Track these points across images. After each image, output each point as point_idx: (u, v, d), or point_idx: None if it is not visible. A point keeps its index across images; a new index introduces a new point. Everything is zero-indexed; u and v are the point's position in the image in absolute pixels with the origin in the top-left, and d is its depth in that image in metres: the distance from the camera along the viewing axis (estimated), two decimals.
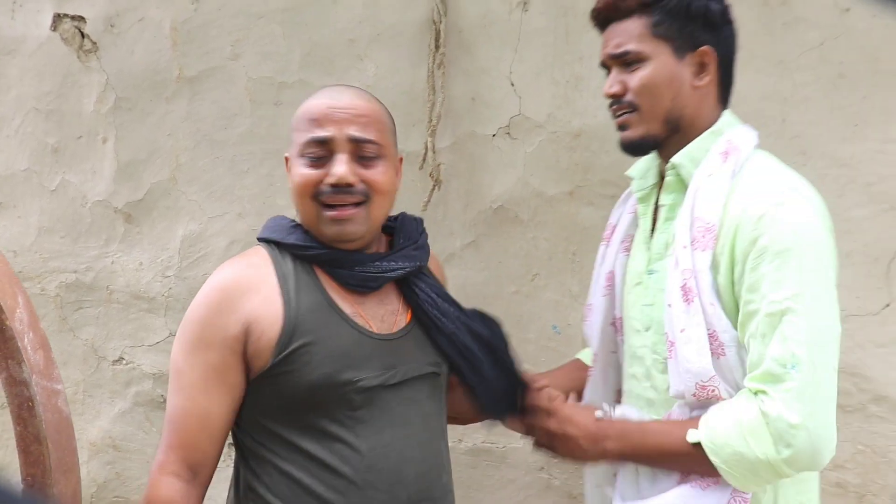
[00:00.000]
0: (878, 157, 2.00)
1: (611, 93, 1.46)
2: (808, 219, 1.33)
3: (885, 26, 1.98)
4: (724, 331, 1.35)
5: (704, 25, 1.43)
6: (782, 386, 1.26)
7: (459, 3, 2.16)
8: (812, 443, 1.25)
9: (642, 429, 1.40)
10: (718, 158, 1.41)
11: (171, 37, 2.31)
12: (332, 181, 1.38)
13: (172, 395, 1.40)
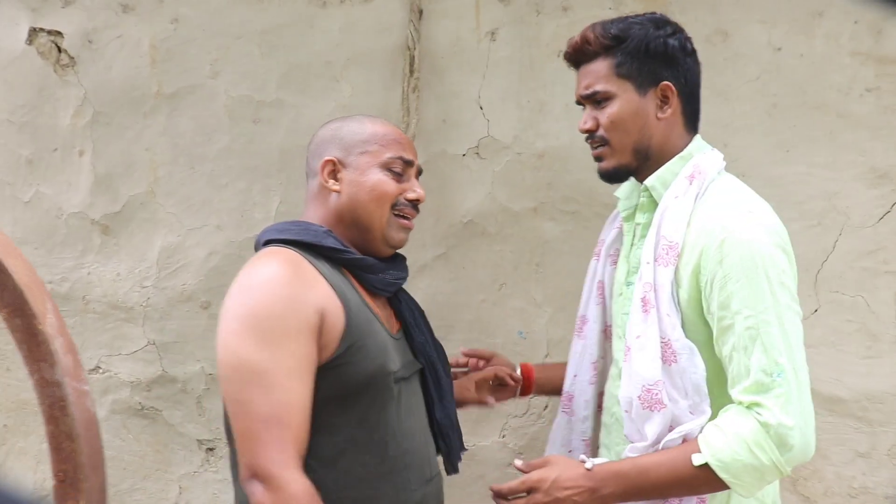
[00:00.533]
0: (806, 179, 2.25)
1: (584, 129, 1.62)
2: (763, 238, 1.45)
3: (811, 64, 2.23)
4: (677, 340, 1.48)
5: (664, 62, 1.57)
6: (773, 393, 1.38)
7: (432, 31, 2.32)
8: (804, 439, 1.39)
9: (637, 466, 1.46)
10: (685, 182, 1.55)
11: (150, 54, 2.39)
12: (413, 197, 1.59)
13: (262, 393, 1.36)
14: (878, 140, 2.22)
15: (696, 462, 1.40)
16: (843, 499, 2.26)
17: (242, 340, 1.39)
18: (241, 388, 1.38)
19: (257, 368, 1.37)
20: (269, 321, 1.39)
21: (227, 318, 1.43)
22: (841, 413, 2.25)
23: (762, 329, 1.40)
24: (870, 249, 2.23)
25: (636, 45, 1.56)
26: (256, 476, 1.37)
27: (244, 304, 1.42)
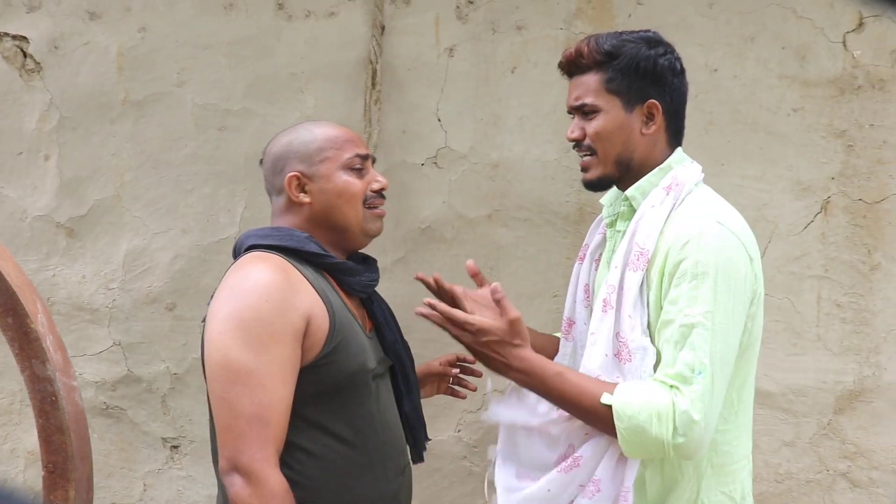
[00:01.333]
0: (739, 190, 2.43)
1: (571, 137, 1.67)
2: (726, 248, 1.51)
3: (743, 85, 2.42)
4: (633, 340, 1.55)
5: (652, 81, 1.61)
6: (691, 387, 1.45)
7: (393, 46, 2.44)
8: (701, 437, 1.45)
9: (560, 375, 1.52)
10: (662, 192, 1.61)
11: (118, 62, 2.45)
12: (378, 187, 1.68)
13: (248, 393, 1.44)
14: (802, 156, 2.41)
15: (603, 400, 1.48)
16: (770, 484, 2.45)
17: (232, 341, 1.46)
18: (227, 386, 1.46)
19: (244, 369, 1.45)
20: (258, 325, 1.46)
21: (218, 318, 1.50)
22: (769, 406, 2.44)
23: (696, 330, 1.47)
24: (795, 256, 2.43)
25: (627, 62, 1.60)
26: (237, 470, 1.44)
27: (235, 306, 1.49)
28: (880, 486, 2.44)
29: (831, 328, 2.43)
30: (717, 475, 1.58)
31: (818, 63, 2.41)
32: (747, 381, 1.63)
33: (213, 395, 1.49)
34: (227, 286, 1.54)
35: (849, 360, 2.43)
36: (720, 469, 1.58)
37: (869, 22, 2.40)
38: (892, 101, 2.40)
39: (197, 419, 2.49)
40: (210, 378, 1.49)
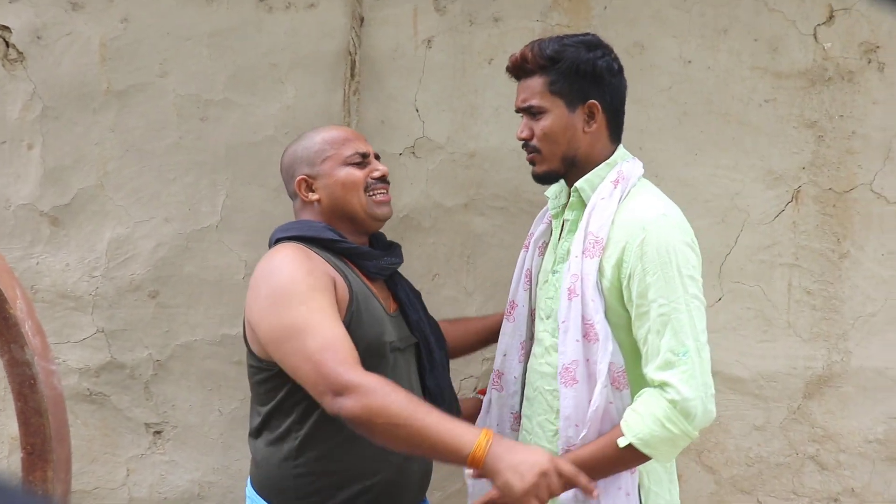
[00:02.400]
0: (712, 180, 2.48)
1: (521, 137, 1.82)
2: (675, 237, 1.67)
3: (716, 76, 2.46)
4: (598, 322, 1.69)
5: (592, 82, 1.76)
6: (678, 370, 1.61)
7: (372, 37, 2.47)
8: (704, 407, 1.62)
9: (575, 461, 1.62)
10: (610, 185, 1.76)
11: (100, 52, 2.48)
12: (378, 174, 1.83)
13: (309, 337, 1.56)
14: (774, 146, 2.46)
15: (621, 444, 1.63)
16: (741, 468, 2.51)
17: (279, 309, 1.61)
18: (290, 342, 1.58)
19: (298, 323, 1.58)
20: (295, 286, 1.62)
21: (259, 300, 1.65)
22: (740, 391, 2.49)
23: (672, 315, 1.63)
24: (766, 244, 2.48)
25: (568, 66, 1.75)
26: (335, 393, 1.51)
27: (269, 284, 1.66)
28: (847, 468, 2.50)
29: (801, 315, 2.48)
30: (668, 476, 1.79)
31: (789, 55, 2.45)
32: None
33: (286, 361, 1.60)
34: (258, 274, 1.71)
35: (818, 346, 2.48)
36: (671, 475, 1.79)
37: (839, 15, 2.44)
38: (860, 93, 2.44)
39: (180, 405, 2.53)
40: (273, 348, 1.62)
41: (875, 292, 2.48)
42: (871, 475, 2.50)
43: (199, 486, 2.55)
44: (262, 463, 1.79)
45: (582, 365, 1.71)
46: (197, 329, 2.51)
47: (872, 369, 2.48)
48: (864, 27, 2.44)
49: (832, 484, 2.50)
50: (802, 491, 2.51)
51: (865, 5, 2.42)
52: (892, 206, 2.46)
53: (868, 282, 2.47)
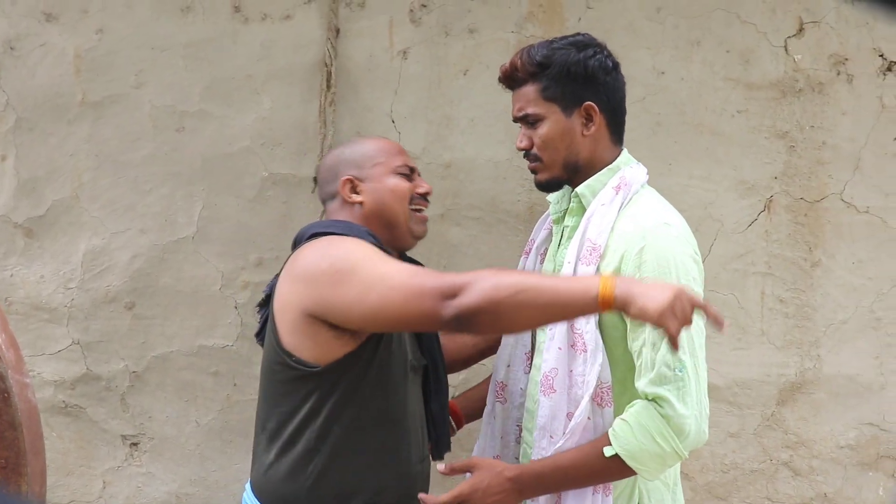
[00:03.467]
0: (686, 190, 2.51)
1: (520, 147, 1.76)
2: (677, 248, 1.64)
3: (689, 87, 2.50)
4: (588, 333, 1.64)
5: (585, 83, 1.70)
6: (673, 385, 1.57)
7: (348, 49, 2.48)
8: (699, 426, 1.59)
9: (556, 465, 1.62)
10: (612, 191, 1.71)
11: (75, 63, 2.48)
12: (423, 190, 1.83)
13: (377, 267, 1.58)
14: (746, 157, 2.50)
15: (607, 454, 1.58)
16: (716, 474, 2.54)
17: (351, 272, 1.58)
18: (377, 290, 1.55)
19: (375, 273, 1.57)
20: (359, 249, 1.65)
21: (323, 277, 1.62)
22: (715, 398, 2.51)
23: None
24: (740, 253, 2.51)
25: (559, 70, 1.70)
26: (447, 296, 1.49)
27: (332, 256, 1.64)
28: (820, 474, 2.53)
29: (774, 323, 2.51)
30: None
31: (761, 66, 2.49)
32: None
33: (376, 311, 1.56)
34: (309, 259, 1.68)
35: (791, 354, 2.52)
36: None
37: (809, 28, 2.48)
38: (830, 104, 2.48)
39: (156, 416, 2.52)
40: (356, 312, 1.59)
41: (846, 300, 2.51)
42: (843, 480, 2.53)
43: (176, 497, 2.53)
44: (269, 470, 1.73)
45: (562, 375, 1.67)
46: (173, 340, 2.51)
47: (844, 376, 2.51)
48: (834, 40, 2.48)
49: (805, 489, 2.54)
50: (777, 497, 2.54)
51: (834, 18, 2.46)
52: (863, 215, 2.50)
53: (839, 290, 2.51)
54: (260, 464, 1.76)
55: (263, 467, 1.74)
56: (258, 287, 2.49)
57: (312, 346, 1.65)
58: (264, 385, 1.80)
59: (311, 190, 2.47)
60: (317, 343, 1.65)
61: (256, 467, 1.78)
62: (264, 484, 1.73)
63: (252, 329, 2.47)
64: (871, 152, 2.49)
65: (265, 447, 1.75)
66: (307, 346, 1.66)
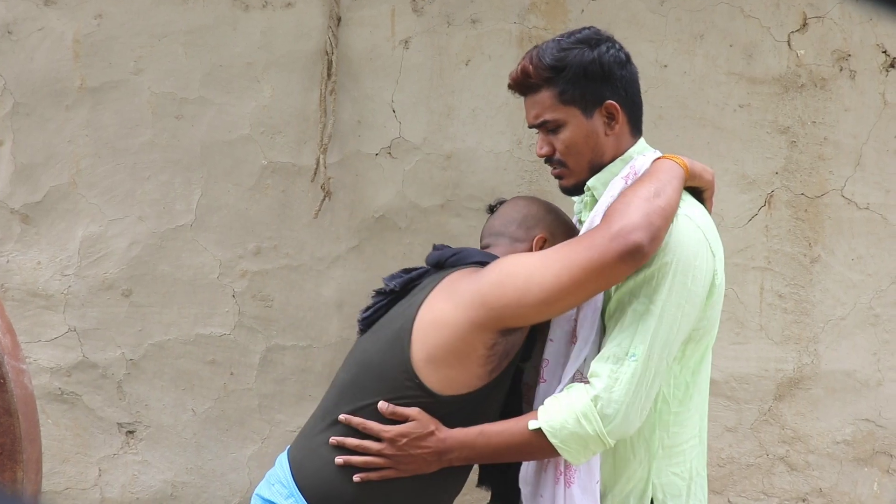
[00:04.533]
0: None
1: (541, 154, 1.68)
2: (690, 241, 1.54)
3: (692, 80, 2.49)
4: (582, 325, 1.61)
5: (603, 81, 1.61)
6: (619, 367, 1.51)
7: (349, 38, 2.47)
8: (627, 416, 1.51)
9: (482, 434, 1.59)
10: (621, 182, 1.63)
11: (74, 48, 2.46)
12: None
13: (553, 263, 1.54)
14: (748, 151, 2.49)
15: (530, 427, 1.54)
16: (713, 469, 2.53)
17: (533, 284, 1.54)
18: (548, 284, 1.52)
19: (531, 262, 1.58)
20: None
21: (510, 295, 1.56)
22: (713, 393, 2.50)
23: (644, 316, 1.52)
24: (740, 248, 2.50)
25: (575, 71, 1.61)
26: (612, 240, 1.48)
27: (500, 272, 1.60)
28: (816, 469, 2.53)
29: (773, 318, 2.51)
30: (667, 456, 1.63)
31: (764, 61, 2.48)
32: (703, 365, 1.67)
33: (572, 293, 1.52)
34: (480, 275, 1.61)
35: (789, 349, 2.52)
36: (670, 450, 1.63)
37: (812, 23, 2.47)
38: (832, 100, 2.48)
39: (153, 405, 2.52)
40: (543, 309, 1.56)
41: (845, 296, 2.51)
42: (838, 476, 2.53)
43: (171, 486, 2.53)
44: (310, 457, 1.64)
45: (553, 365, 1.65)
46: (170, 328, 2.50)
47: (841, 372, 2.52)
48: (837, 35, 2.47)
49: (801, 484, 2.54)
50: (772, 491, 2.54)
51: (838, 14, 2.46)
52: (862, 212, 2.50)
53: (838, 286, 2.51)
54: (319, 451, 1.64)
55: (323, 458, 1.63)
56: (256, 275, 2.49)
57: (447, 373, 1.59)
58: (357, 377, 1.67)
59: (311, 179, 2.45)
60: (454, 370, 1.59)
61: (313, 452, 1.66)
62: (314, 472, 1.63)
63: (249, 318, 2.48)
64: (873, 149, 2.49)
65: (317, 436, 1.66)
66: (441, 373, 1.59)
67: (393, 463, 1.58)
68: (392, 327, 1.65)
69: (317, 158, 2.43)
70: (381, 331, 1.68)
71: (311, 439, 1.67)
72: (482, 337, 1.57)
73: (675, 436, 1.64)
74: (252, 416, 2.51)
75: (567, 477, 1.61)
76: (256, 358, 2.51)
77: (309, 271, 2.50)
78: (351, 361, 1.73)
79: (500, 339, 1.59)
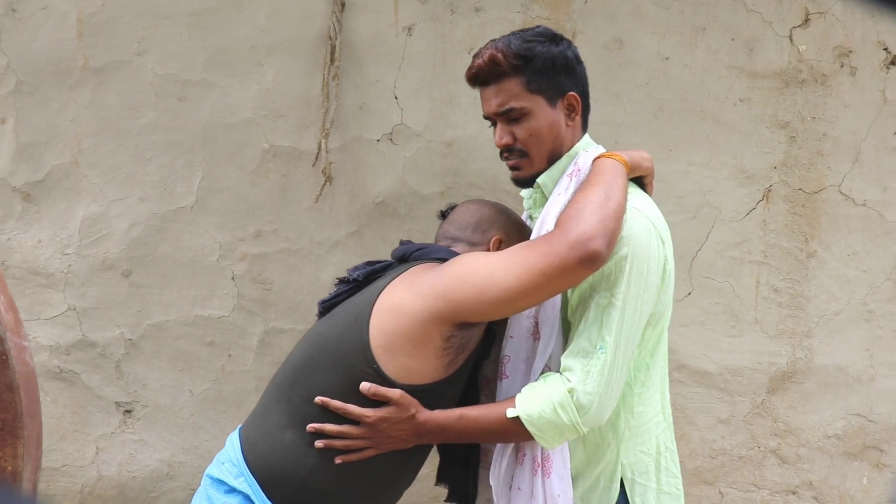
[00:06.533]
0: (685, 176, 2.52)
1: (502, 144, 1.72)
2: (641, 232, 1.61)
3: (693, 73, 2.49)
4: (544, 321, 1.66)
5: (566, 74, 1.69)
6: (588, 361, 1.57)
7: (353, 23, 2.47)
8: (601, 406, 1.58)
9: (461, 417, 1.64)
10: (566, 179, 1.69)
11: (77, 28, 2.46)
12: None
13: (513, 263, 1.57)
14: (747, 145, 2.50)
15: (509, 415, 1.60)
16: (705, 460, 2.56)
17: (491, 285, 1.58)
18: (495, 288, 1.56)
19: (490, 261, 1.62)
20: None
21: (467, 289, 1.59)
22: (707, 385, 2.54)
23: (607, 309, 1.59)
24: (737, 241, 2.52)
25: (543, 62, 1.67)
26: (571, 247, 1.52)
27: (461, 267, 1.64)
28: (806, 462, 2.56)
29: (768, 312, 2.53)
30: (634, 437, 1.70)
31: (765, 56, 2.49)
32: (660, 345, 1.74)
33: (529, 294, 1.56)
34: (443, 267, 1.64)
35: (783, 343, 2.54)
36: (636, 430, 1.70)
37: (814, 18, 2.48)
38: (832, 96, 2.49)
39: (150, 384, 2.53)
40: (495, 308, 1.59)
41: (840, 291, 2.53)
42: (828, 469, 2.56)
43: (168, 465, 2.55)
44: (264, 437, 1.65)
45: (515, 361, 1.70)
46: (170, 309, 2.51)
47: (834, 366, 2.54)
48: (839, 31, 2.48)
49: (791, 477, 2.56)
50: (763, 483, 2.57)
51: (840, 10, 2.46)
52: (860, 208, 2.51)
53: (833, 281, 2.53)
54: (272, 430, 1.65)
55: (276, 438, 1.64)
56: (256, 259, 2.50)
57: (405, 362, 1.61)
58: (312, 358, 1.68)
59: (312, 164, 2.46)
60: (412, 359, 1.61)
61: (265, 431, 1.66)
62: (266, 452, 1.63)
63: (248, 300, 2.49)
64: (871, 145, 2.50)
65: (287, 420, 1.65)
66: (399, 361, 1.61)
67: (372, 443, 1.63)
68: (351, 312, 1.67)
69: (318, 143, 2.44)
70: (340, 315, 1.70)
71: (265, 419, 1.68)
72: (439, 328, 1.60)
73: (640, 415, 1.71)
74: (249, 398, 2.52)
75: (545, 468, 1.67)
76: (254, 340, 2.53)
77: (308, 255, 2.51)
78: (306, 342, 1.74)
79: (457, 332, 1.62)
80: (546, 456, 1.66)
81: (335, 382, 1.62)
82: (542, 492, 1.65)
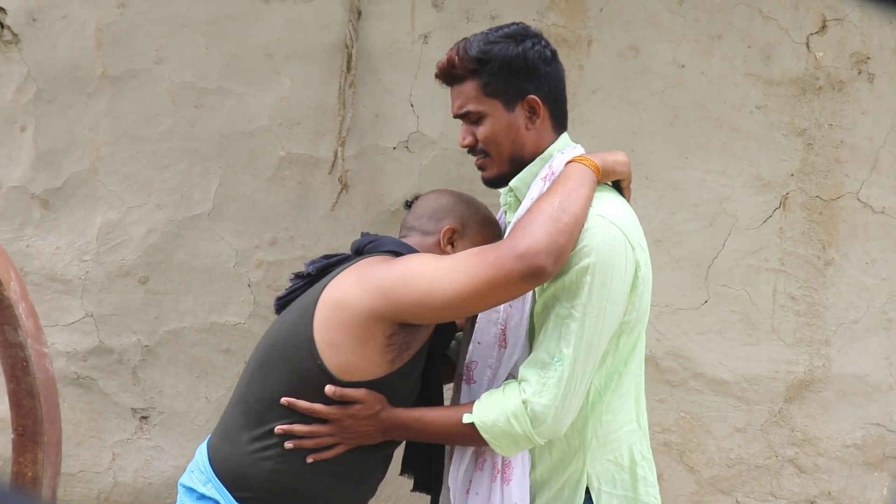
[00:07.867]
0: (702, 184, 2.51)
1: (464, 144, 1.71)
2: (606, 241, 1.57)
3: (709, 81, 2.49)
4: (511, 329, 1.65)
5: (526, 76, 1.64)
6: (544, 373, 1.56)
7: (369, 31, 2.48)
8: (557, 419, 1.56)
9: (420, 419, 1.67)
10: (540, 182, 1.65)
11: (96, 36, 2.48)
12: None
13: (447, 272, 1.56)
14: (764, 152, 2.49)
15: (464, 420, 1.61)
16: (721, 468, 2.54)
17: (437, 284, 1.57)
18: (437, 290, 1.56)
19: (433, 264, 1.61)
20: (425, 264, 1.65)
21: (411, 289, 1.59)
22: (724, 393, 2.53)
23: (566, 320, 1.56)
24: (753, 249, 2.51)
25: (499, 65, 1.63)
26: (516, 260, 1.51)
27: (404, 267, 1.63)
28: (825, 472, 2.54)
29: (785, 320, 2.51)
30: (601, 445, 1.67)
31: (782, 63, 2.48)
32: (634, 353, 1.71)
33: (469, 302, 1.56)
34: (389, 264, 1.63)
35: (801, 351, 2.52)
36: (604, 439, 1.67)
37: (832, 25, 2.47)
38: (850, 103, 2.48)
39: (167, 391, 2.54)
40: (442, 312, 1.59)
41: (858, 300, 2.51)
42: (847, 479, 2.54)
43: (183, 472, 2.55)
44: (225, 443, 1.66)
45: (482, 367, 1.70)
46: (186, 316, 2.52)
47: (852, 375, 2.52)
48: (856, 38, 2.47)
49: (809, 487, 2.54)
50: (780, 493, 2.55)
51: (858, 17, 2.45)
52: (878, 216, 2.50)
53: (851, 289, 2.51)
54: (231, 433, 1.66)
55: (234, 441, 1.65)
56: (272, 266, 2.51)
57: (347, 359, 1.61)
58: (265, 356, 1.69)
59: (329, 171, 2.47)
60: (355, 356, 1.61)
61: (226, 435, 1.68)
62: (228, 455, 1.65)
63: (265, 308, 2.50)
64: (889, 152, 2.49)
65: (243, 421, 1.66)
66: (341, 357, 1.61)
67: (340, 439, 1.64)
68: (300, 307, 1.68)
69: (334, 151, 2.45)
70: (291, 312, 1.70)
71: (225, 423, 1.70)
72: (381, 326, 1.60)
73: (609, 423, 1.68)
74: None
75: (505, 475, 1.66)
76: None
77: None
78: (262, 343, 1.75)
79: (400, 331, 1.62)
80: (507, 463, 1.66)
81: (283, 380, 1.64)
82: (500, 498, 1.65)
